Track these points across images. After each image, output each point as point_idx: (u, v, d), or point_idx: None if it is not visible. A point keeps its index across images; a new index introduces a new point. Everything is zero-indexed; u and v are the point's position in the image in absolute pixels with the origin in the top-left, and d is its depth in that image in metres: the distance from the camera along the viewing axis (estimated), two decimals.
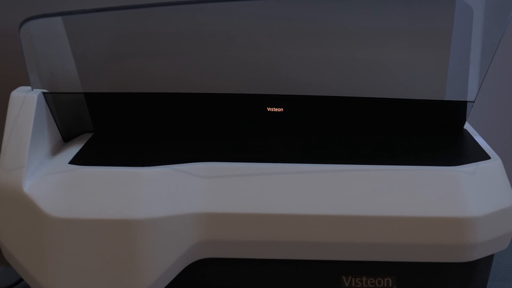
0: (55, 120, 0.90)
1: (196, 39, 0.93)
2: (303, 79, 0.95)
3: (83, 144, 0.91)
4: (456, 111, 0.96)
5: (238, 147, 0.90)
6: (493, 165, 0.84)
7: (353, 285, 0.83)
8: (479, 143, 0.91)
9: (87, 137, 0.95)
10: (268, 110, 0.95)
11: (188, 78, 0.95)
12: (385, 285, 0.83)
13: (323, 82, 0.95)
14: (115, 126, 0.97)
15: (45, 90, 0.87)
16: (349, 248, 0.79)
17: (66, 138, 0.93)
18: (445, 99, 0.94)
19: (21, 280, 0.96)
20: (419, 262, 0.81)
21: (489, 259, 0.84)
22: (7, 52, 1.13)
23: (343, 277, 0.83)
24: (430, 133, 0.95)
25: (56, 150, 0.89)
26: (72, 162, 0.83)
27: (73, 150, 0.88)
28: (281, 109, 0.95)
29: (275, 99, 0.95)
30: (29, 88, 0.87)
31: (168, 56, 0.95)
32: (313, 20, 0.92)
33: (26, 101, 0.83)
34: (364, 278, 0.83)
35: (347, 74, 0.95)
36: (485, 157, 0.85)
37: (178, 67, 0.95)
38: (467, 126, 0.98)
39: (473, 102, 0.94)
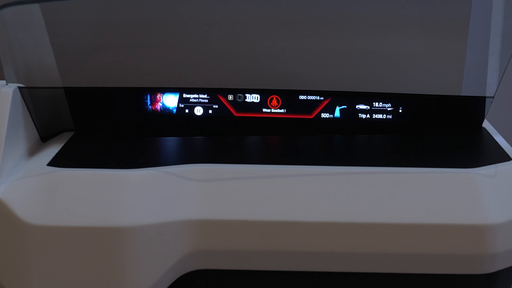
0: (32, 118, 0.89)
1: (188, 29, 0.93)
2: (305, 73, 0.95)
3: (63, 144, 0.91)
4: (473, 107, 0.96)
5: (234, 147, 0.91)
6: None
7: None
8: (499, 142, 0.91)
9: (67, 136, 0.94)
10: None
11: (177, 72, 0.95)
12: None
13: (326, 77, 0.95)
14: (97, 124, 0.97)
15: (21, 85, 0.87)
16: (356, 259, 0.79)
17: (44, 137, 0.93)
18: (461, 94, 0.95)
19: None
20: (433, 274, 0.81)
21: (510, 271, 0.84)
22: None
23: None
24: (445, 131, 0.95)
25: (33, 151, 0.89)
26: (51, 164, 0.83)
27: (52, 150, 0.88)
28: (279, 106, 0.96)
29: (272, 95, 0.95)
30: (3, 82, 0.86)
31: (155, 48, 0.95)
32: (317, 7, 0.92)
33: None
34: None
35: (353, 67, 0.95)
36: (506, 158, 0.85)
37: (166, 60, 0.95)
38: (486, 124, 0.98)
39: (493, 97, 0.94)
